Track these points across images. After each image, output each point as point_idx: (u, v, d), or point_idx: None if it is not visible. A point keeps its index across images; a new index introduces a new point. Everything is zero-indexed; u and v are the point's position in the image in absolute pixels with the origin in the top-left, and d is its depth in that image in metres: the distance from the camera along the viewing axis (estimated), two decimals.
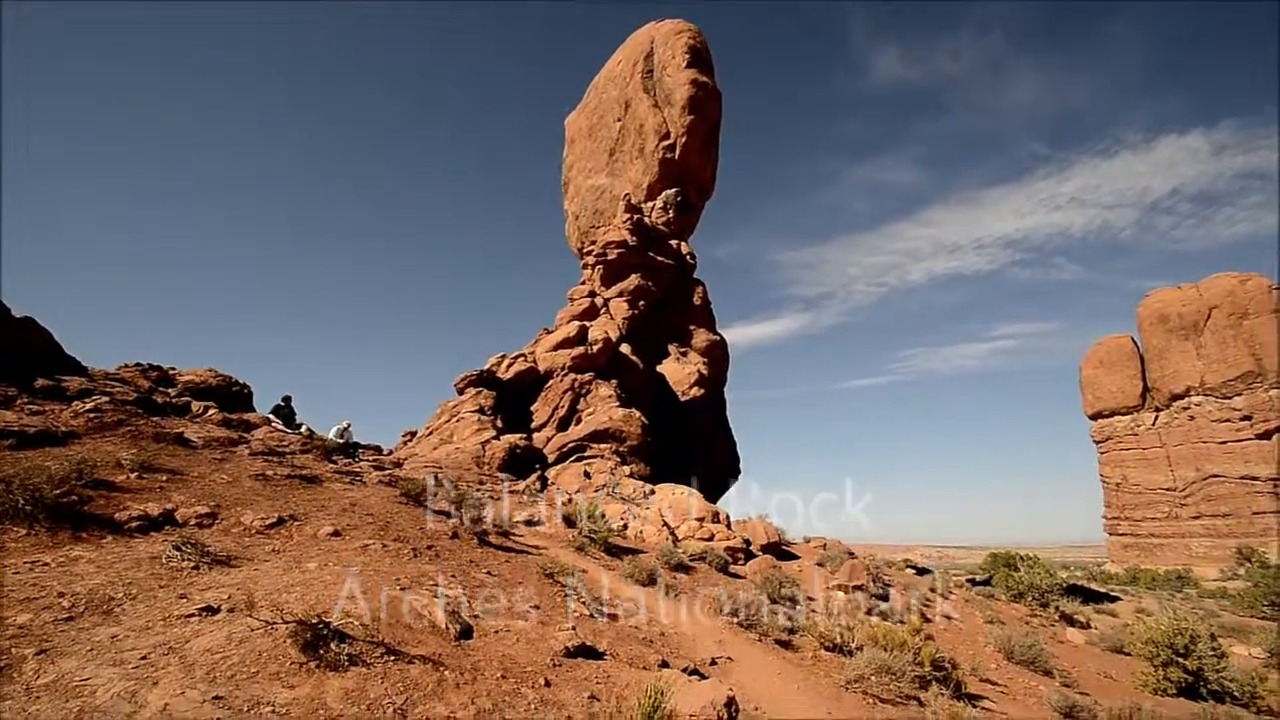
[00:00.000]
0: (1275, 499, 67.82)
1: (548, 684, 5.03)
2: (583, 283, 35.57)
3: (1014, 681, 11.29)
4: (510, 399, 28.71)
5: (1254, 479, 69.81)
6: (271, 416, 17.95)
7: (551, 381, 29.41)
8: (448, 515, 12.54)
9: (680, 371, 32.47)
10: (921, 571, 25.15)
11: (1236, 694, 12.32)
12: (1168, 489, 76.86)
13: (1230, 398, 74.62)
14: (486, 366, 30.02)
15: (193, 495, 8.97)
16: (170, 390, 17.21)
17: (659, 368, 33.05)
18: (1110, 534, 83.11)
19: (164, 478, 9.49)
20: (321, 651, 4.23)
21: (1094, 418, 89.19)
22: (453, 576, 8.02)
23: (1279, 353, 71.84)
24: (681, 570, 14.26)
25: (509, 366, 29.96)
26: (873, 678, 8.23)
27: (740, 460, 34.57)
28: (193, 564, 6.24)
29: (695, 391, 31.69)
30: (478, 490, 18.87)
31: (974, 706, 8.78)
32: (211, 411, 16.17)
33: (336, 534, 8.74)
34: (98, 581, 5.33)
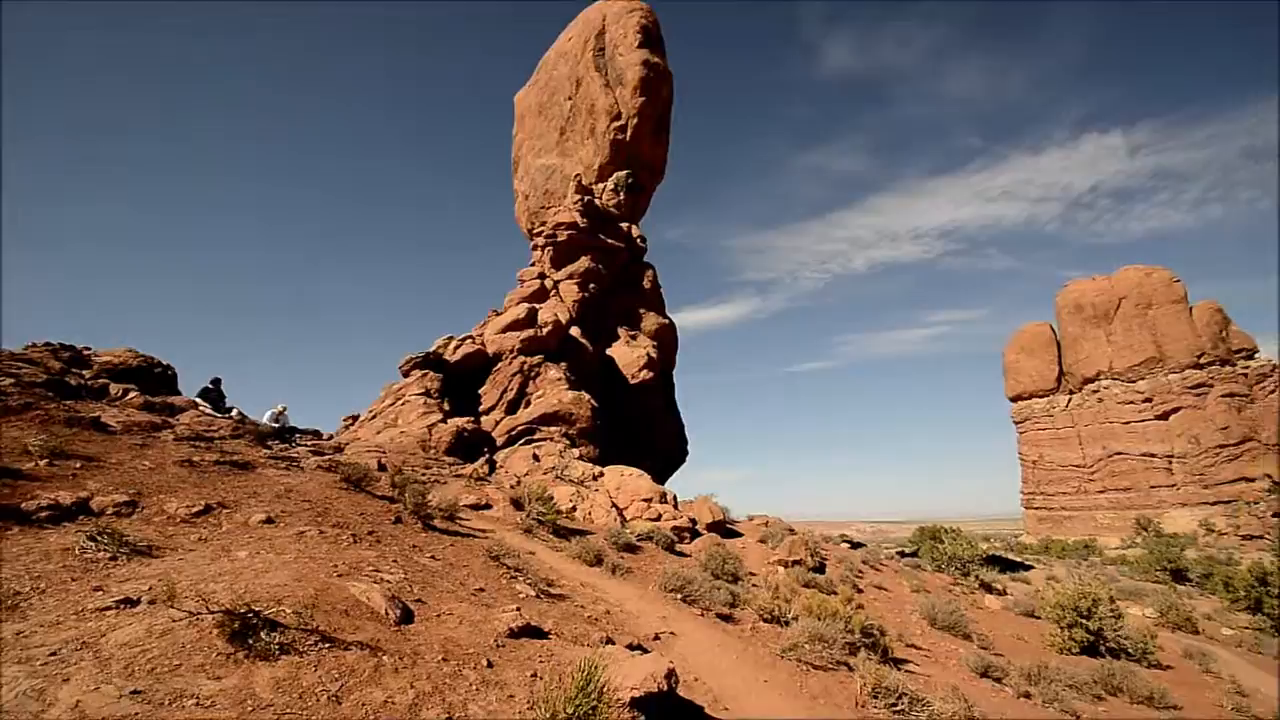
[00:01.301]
0: (1170, 474, 75.01)
1: (490, 665, 5.07)
2: (532, 264, 35.01)
3: (937, 645, 12.14)
4: (458, 382, 28.13)
5: (1153, 455, 76.87)
6: (199, 400, 16.99)
7: (500, 364, 28.97)
8: (391, 500, 12.31)
9: (630, 355, 32.60)
10: (856, 545, 26.53)
11: (1131, 651, 13.70)
12: (1078, 466, 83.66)
13: (1135, 381, 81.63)
14: (433, 348, 29.25)
15: (110, 483, 8.44)
16: (85, 372, 15.97)
17: (609, 351, 33.08)
18: (1026, 508, 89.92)
19: (78, 465, 8.87)
20: (251, 641, 4.12)
21: (1015, 400, 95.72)
22: (394, 562, 7.90)
23: (1178, 340, 78.95)
24: (629, 550, 14.52)
25: (456, 349, 29.30)
26: (806, 646, 8.69)
27: (688, 442, 35.22)
28: (110, 555, 5.90)
29: (645, 374, 31.93)
30: (423, 474, 18.53)
31: (899, 669, 9.41)
32: (132, 395, 15.14)
33: (270, 521, 8.43)
34: (1, 576, 4.98)
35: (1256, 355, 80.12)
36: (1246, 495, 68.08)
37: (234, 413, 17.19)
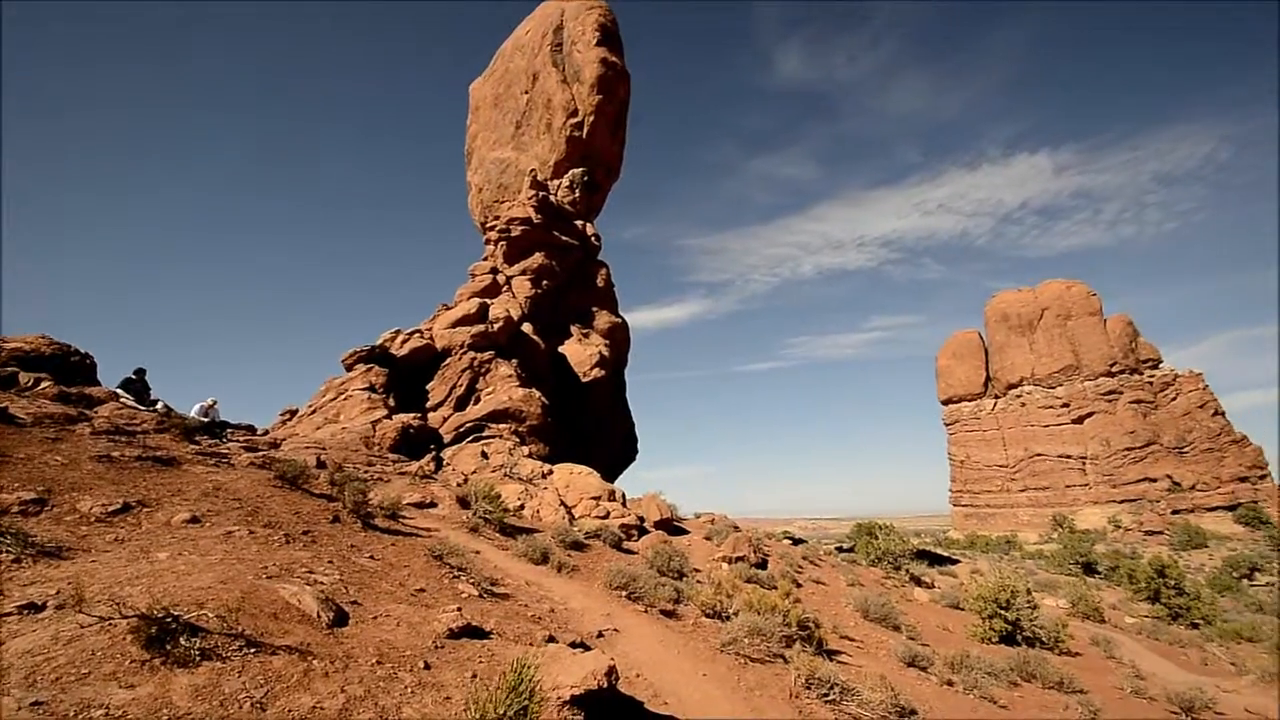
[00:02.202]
0: (1083, 474, 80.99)
1: (427, 666, 5.00)
2: (485, 258, 34.38)
3: (869, 637, 12.72)
4: (404, 377, 27.33)
5: (1069, 457, 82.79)
6: (120, 391, 15.85)
7: (449, 359, 28.33)
8: (329, 499, 11.88)
9: (582, 352, 32.51)
10: (797, 541, 27.40)
11: (1044, 639, 14.74)
12: (1001, 466, 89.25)
13: (1054, 388, 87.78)
14: (379, 342, 28.29)
15: (17, 479, 7.80)
16: None
17: (561, 348, 32.89)
18: (954, 505, 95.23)
19: None
20: (169, 647, 3.92)
21: (945, 403, 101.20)
22: (330, 563, 7.65)
23: (1093, 350, 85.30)
24: (576, 548, 14.52)
25: (404, 343, 28.45)
26: (745, 640, 8.95)
27: (638, 441, 35.44)
28: (13, 556, 5.48)
29: (596, 372, 31.92)
30: (365, 472, 17.95)
31: (832, 660, 9.83)
32: (45, 384, 13.98)
33: (195, 520, 8.00)
34: None
35: (1160, 365, 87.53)
36: (1150, 494, 74.29)
37: (159, 406, 16.15)
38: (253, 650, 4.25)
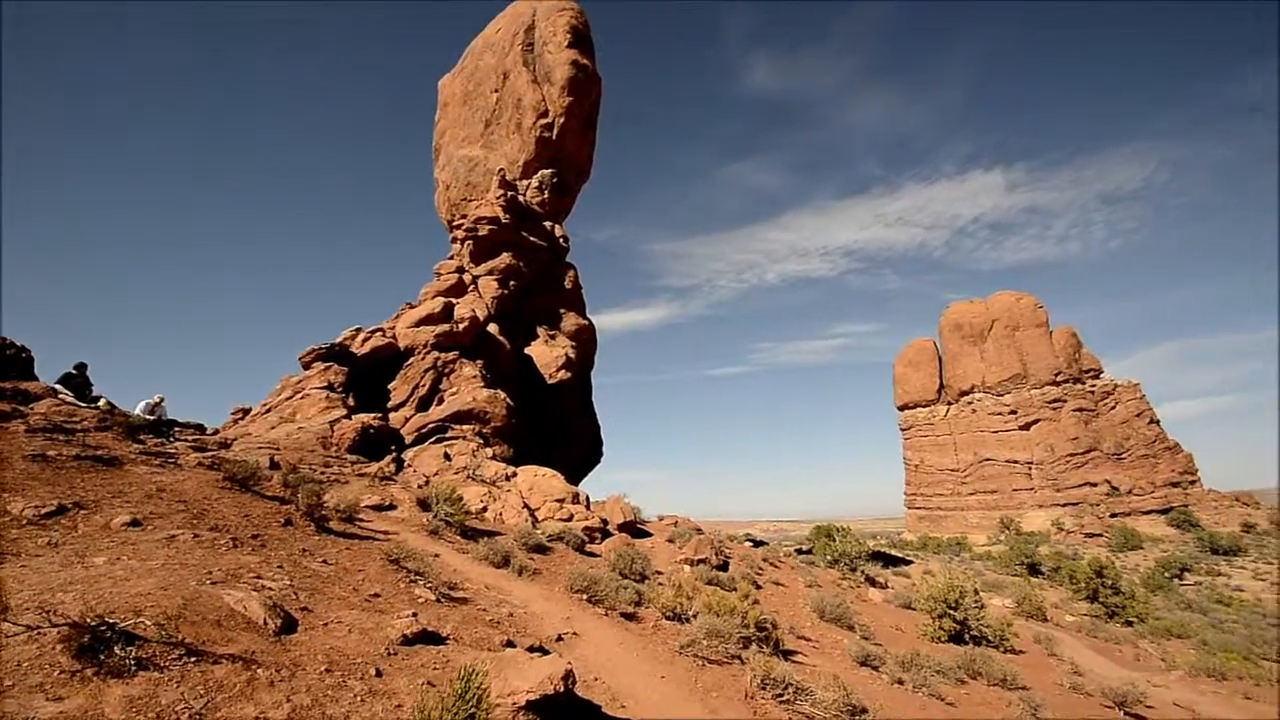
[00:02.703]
0: (1029, 478, 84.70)
1: (379, 674, 4.90)
2: (450, 257, 33.86)
3: (825, 637, 13.01)
4: (365, 376, 26.67)
5: (1016, 462, 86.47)
6: (59, 387, 15.01)
7: (412, 359, 27.79)
8: (282, 501, 11.51)
9: (548, 354, 32.33)
10: (758, 544, 27.80)
11: (990, 638, 15.32)
12: (953, 470, 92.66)
13: (1002, 395, 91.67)
14: (339, 340, 27.54)
15: None
16: None
17: (527, 349, 32.63)
18: (909, 508, 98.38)
19: None
20: (103, 657, 3.75)
21: (902, 409, 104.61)
22: (280, 567, 7.41)
23: (1040, 359, 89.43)
24: (539, 551, 14.41)
25: (365, 341, 27.77)
26: (704, 641, 9.06)
27: (604, 443, 35.42)
28: None
29: (562, 375, 31.78)
30: (322, 473, 17.46)
31: (788, 660, 10.03)
32: None
33: (136, 523, 7.65)
34: None
35: (1102, 375, 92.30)
36: (1090, 498, 78.13)
37: (101, 402, 15.37)
38: (193, 659, 4.10)
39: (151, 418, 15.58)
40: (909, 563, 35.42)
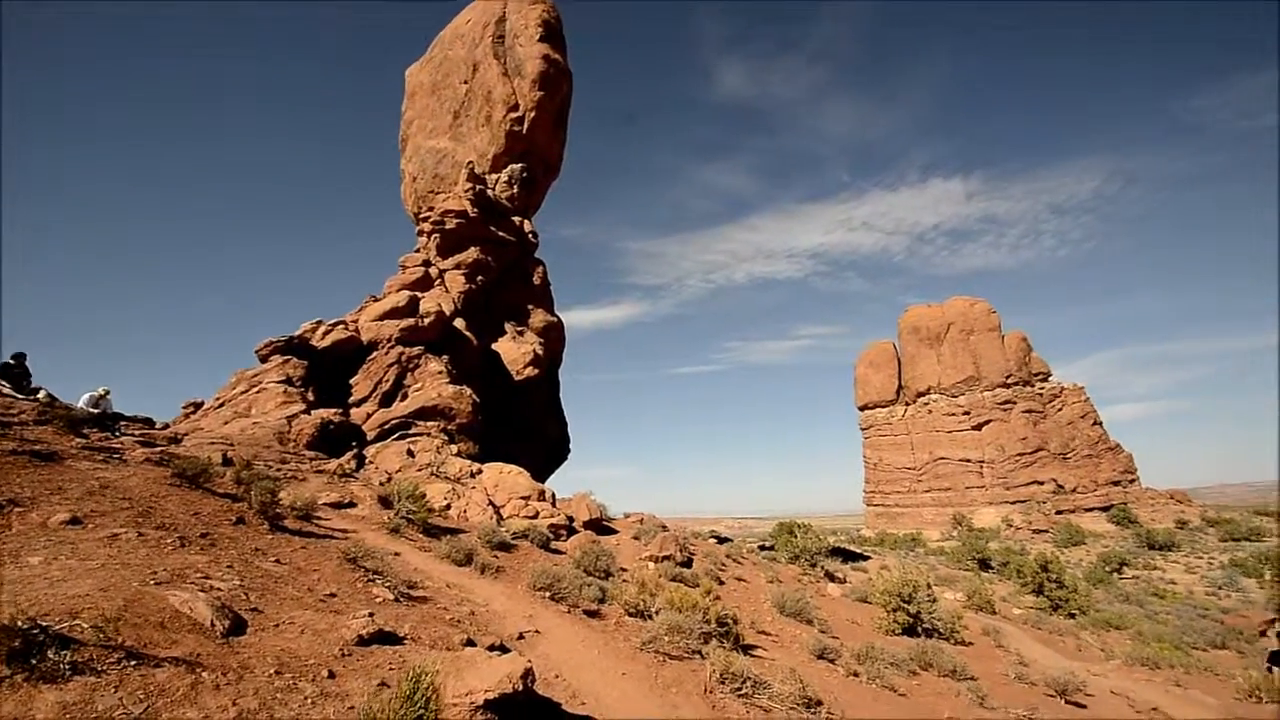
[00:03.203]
0: (981, 477, 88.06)
1: (332, 675, 4.80)
2: (417, 250, 33.20)
3: (784, 631, 13.27)
4: (325, 371, 25.95)
5: (968, 461, 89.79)
6: None
7: (376, 353, 27.16)
8: (234, 498, 11.15)
9: (516, 351, 32.03)
10: (723, 540, 28.17)
11: (942, 630, 15.85)
12: (909, 468, 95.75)
13: (957, 396, 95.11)
14: (298, 332, 26.71)
15: None
16: None
17: (494, 345, 32.26)
18: (867, 505, 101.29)
19: None
20: (35, 662, 3.58)
21: (862, 409, 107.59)
22: (229, 567, 7.18)
23: (992, 363, 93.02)
24: (503, 549, 14.31)
25: (326, 334, 27.00)
26: (665, 638, 9.15)
27: (571, 440, 35.29)
28: None
29: (530, 371, 31.53)
30: (278, 470, 16.96)
31: (747, 655, 10.19)
32: None
33: (76, 522, 7.31)
34: None
35: (1050, 378, 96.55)
36: (1037, 496, 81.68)
37: (40, 394, 14.60)
38: (134, 663, 3.96)
39: (95, 411, 14.89)
40: (867, 558, 36.45)
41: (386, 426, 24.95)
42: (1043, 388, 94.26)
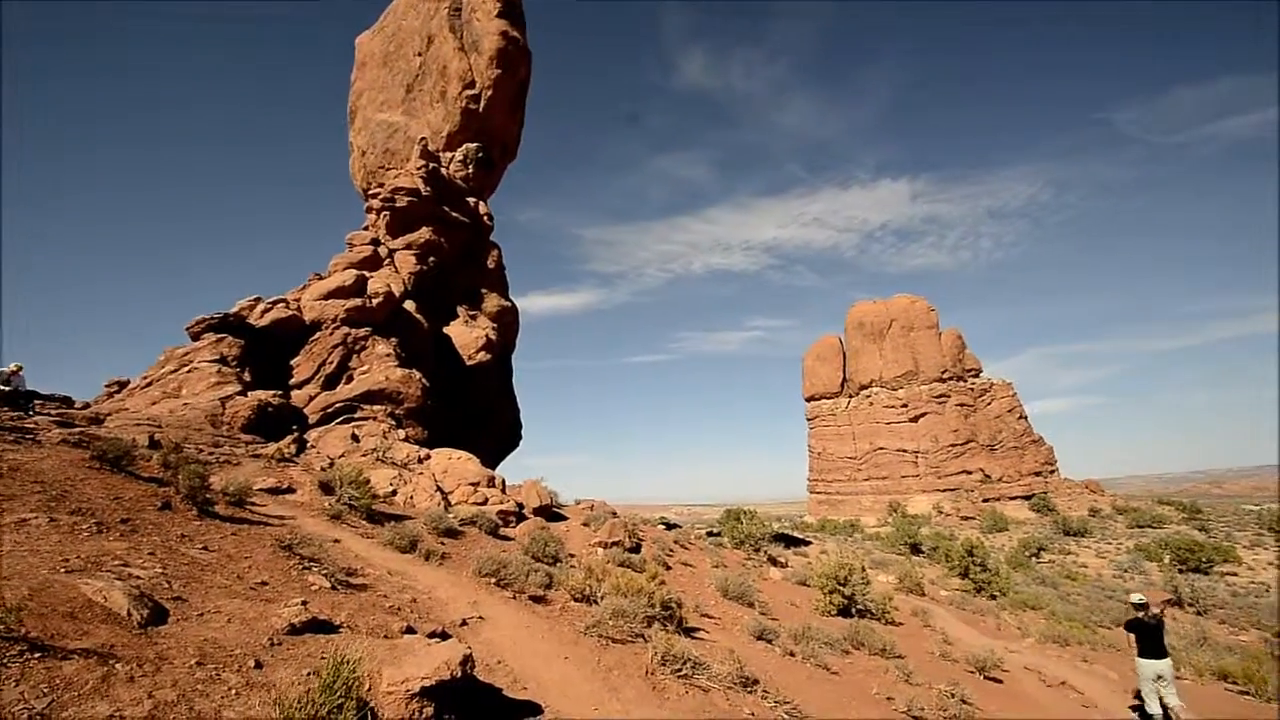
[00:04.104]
0: (916, 466, 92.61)
1: (259, 665, 4.66)
2: (365, 228, 31.95)
3: (727, 614, 13.65)
4: (264, 351, 24.76)
5: (905, 451, 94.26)
6: None
7: (320, 334, 26.07)
8: (160, 483, 10.59)
9: (468, 335, 31.39)
10: (671, 526, 28.65)
11: (874, 611, 16.63)
12: (850, 458, 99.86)
13: (896, 390, 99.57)
14: (234, 310, 25.36)
15: None
16: None
17: (446, 329, 31.51)
18: (810, 492, 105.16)
19: None
20: None
21: (809, 400, 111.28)
22: (151, 554, 6.85)
23: (930, 358, 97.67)
24: (450, 535, 14.13)
25: (265, 312, 25.73)
26: (610, 621, 9.28)
27: (523, 427, 34.99)
28: None
29: (482, 356, 30.99)
30: (211, 454, 16.18)
31: (690, 637, 10.47)
32: None
33: None
34: None
35: (981, 374, 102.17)
36: (966, 485, 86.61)
37: None
38: (38, 655, 3.74)
39: (7, 389, 13.82)
40: (808, 543, 37.84)
41: (330, 410, 24.09)
42: (974, 383, 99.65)
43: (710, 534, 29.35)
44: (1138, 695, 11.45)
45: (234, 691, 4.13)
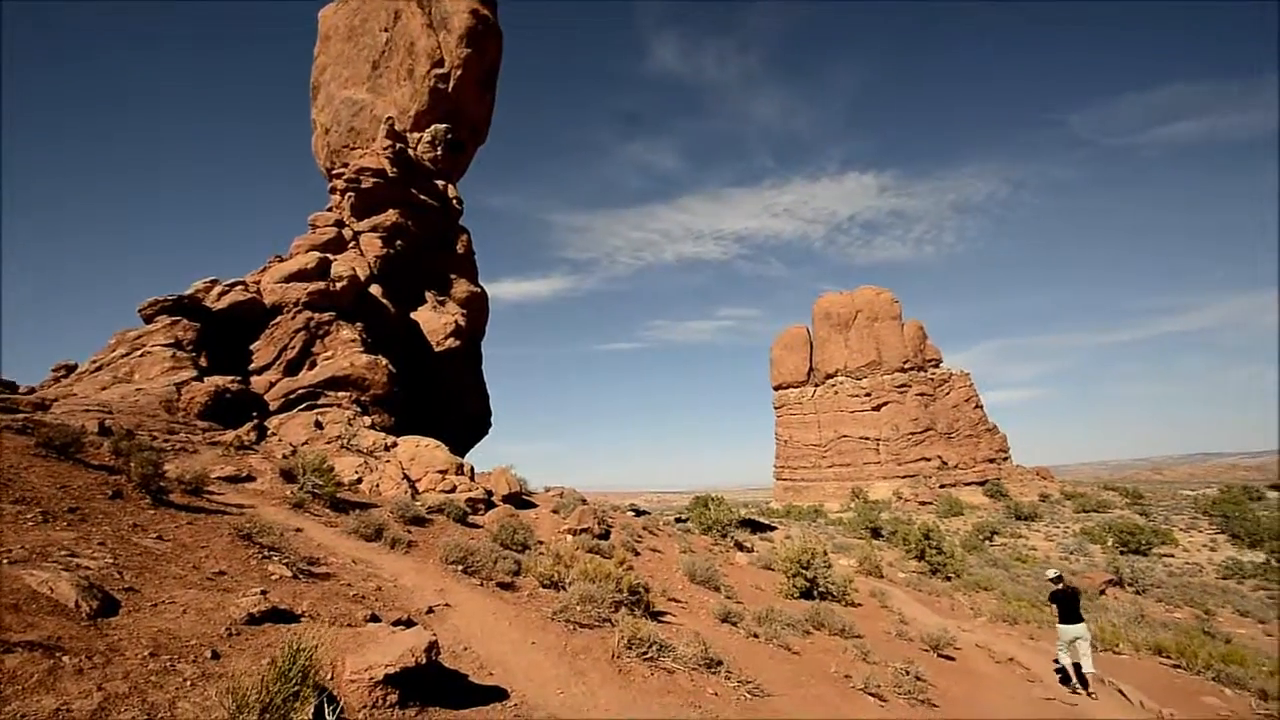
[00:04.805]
0: (877, 453, 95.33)
1: (216, 656, 4.58)
2: (329, 209, 30.96)
3: (694, 598, 13.91)
4: (221, 335, 23.89)
5: (867, 438, 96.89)
6: None
7: (281, 318, 25.26)
8: (111, 471, 10.23)
9: (437, 320, 30.85)
10: (640, 513, 28.92)
11: (835, 593, 17.13)
12: (815, 445, 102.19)
13: (861, 379, 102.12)
14: (190, 291, 24.35)
15: None
16: None
17: (413, 315, 30.90)
18: (777, 479, 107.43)
19: None
20: None
21: (777, 388, 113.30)
22: (102, 544, 6.63)
23: (893, 348, 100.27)
24: (417, 523, 14.02)
25: (222, 295, 24.78)
26: (578, 607, 9.38)
27: (492, 414, 34.69)
28: None
29: (451, 342, 30.53)
30: (166, 441, 15.66)
31: (657, 621, 10.65)
32: None
33: None
34: None
35: (941, 364, 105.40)
36: (925, 471, 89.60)
37: None
38: None
39: None
40: (773, 529, 38.69)
41: (292, 396, 23.45)
42: (934, 373, 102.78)
43: (679, 520, 29.76)
44: (1057, 660, 12.96)
45: (189, 683, 4.06)
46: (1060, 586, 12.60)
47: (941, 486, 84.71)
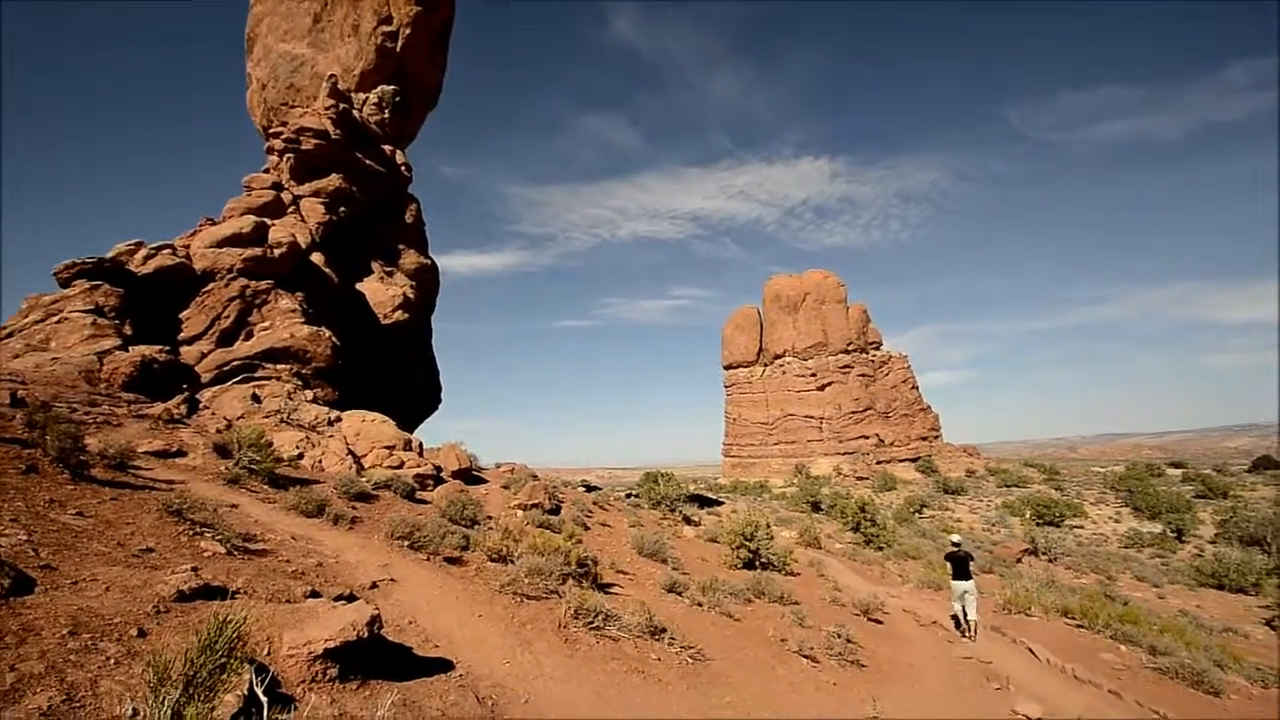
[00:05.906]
0: (820, 431, 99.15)
1: (142, 634, 4.45)
2: (266, 170, 29.19)
3: (641, 570, 14.27)
4: (147, 302, 22.39)
5: (811, 417, 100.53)
6: None
7: (213, 285, 23.86)
8: (25, 444, 9.59)
9: (384, 292, 29.81)
10: (591, 489, 29.22)
11: (775, 563, 17.90)
12: (763, 423, 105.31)
13: (807, 360, 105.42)
14: (112, 255, 22.62)
15: None
16: None
17: (359, 285, 29.75)
18: (725, 456, 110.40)
19: None
20: None
21: (727, 368, 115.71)
22: (14, 521, 6.27)
23: (838, 331, 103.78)
24: (362, 499, 13.76)
25: (148, 259, 23.16)
26: (525, 579, 9.51)
27: (442, 389, 34.03)
28: None
29: (399, 315, 29.61)
30: (86, 413, 14.71)
31: (605, 592, 10.91)
32: None
33: None
34: None
35: (881, 347, 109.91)
36: (863, 448, 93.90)
37: None
38: None
39: None
40: (721, 503, 39.88)
41: (227, 368, 22.33)
42: (875, 355, 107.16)
43: (629, 496, 30.25)
44: (953, 611, 14.77)
45: (113, 661, 3.94)
46: (956, 550, 14.29)
47: (878, 463, 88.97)
